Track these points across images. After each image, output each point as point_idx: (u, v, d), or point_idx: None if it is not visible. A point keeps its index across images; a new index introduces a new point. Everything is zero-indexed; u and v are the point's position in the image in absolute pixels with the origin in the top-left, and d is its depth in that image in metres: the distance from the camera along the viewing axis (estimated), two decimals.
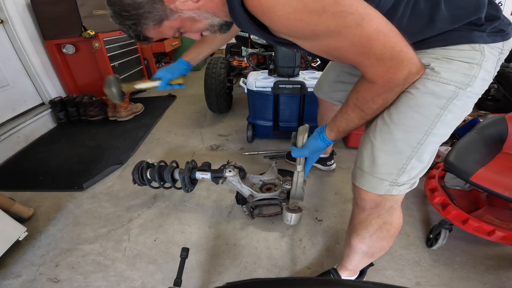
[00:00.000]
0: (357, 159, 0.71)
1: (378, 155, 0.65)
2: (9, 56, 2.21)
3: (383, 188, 0.66)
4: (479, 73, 0.58)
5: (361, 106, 0.62)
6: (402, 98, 0.61)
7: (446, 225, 1.06)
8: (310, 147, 0.81)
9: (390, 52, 0.51)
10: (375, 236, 0.75)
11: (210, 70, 2.19)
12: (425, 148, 0.62)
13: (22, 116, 2.27)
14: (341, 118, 0.68)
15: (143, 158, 1.90)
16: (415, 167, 0.64)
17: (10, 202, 1.32)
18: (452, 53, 0.58)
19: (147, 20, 0.59)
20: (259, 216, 1.31)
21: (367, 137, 0.68)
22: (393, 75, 0.54)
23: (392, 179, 0.65)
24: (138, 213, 1.41)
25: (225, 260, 1.13)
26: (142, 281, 1.07)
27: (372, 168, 0.66)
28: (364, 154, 0.67)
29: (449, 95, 0.58)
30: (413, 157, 0.63)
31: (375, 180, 0.66)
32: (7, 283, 1.09)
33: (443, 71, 0.57)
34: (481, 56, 0.57)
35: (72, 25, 2.40)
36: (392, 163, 0.64)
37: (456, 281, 1.01)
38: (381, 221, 0.73)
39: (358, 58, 0.54)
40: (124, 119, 2.52)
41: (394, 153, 0.63)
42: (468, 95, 0.59)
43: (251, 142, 2.02)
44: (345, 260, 0.92)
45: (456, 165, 1.05)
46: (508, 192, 0.94)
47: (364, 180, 0.68)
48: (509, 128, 1.14)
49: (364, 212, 0.74)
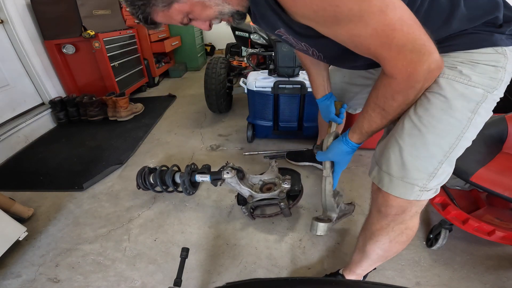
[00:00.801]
0: (382, 163, 0.67)
1: (408, 160, 0.62)
2: (9, 56, 2.21)
3: (414, 194, 0.64)
4: (505, 76, 0.57)
5: (382, 104, 0.60)
6: (432, 101, 0.59)
7: (446, 225, 1.06)
8: (333, 150, 0.78)
9: (412, 45, 0.48)
10: (395, 241, 0.74)
11: (210, 70, 2.19)
12: (456, 152, 0.61)
13: (22, 116, 2.27)
14: (363, 119, 0.66)
15: (143, 158, 1.90)
16: (445, 171, 0.63)
17: (10, 202, 1.32)
18: (477, 57, 0.57)
19: (157, 1, 0.58)
20: (259, 216, 1.31)
21: (394, 140, 0.64)
22: (413, 70, 0.51)
23: (422, 184, 0.63)
24: (138, 213, 1.41)
25: (225, 260, 1.13)
26: (142, 281, 1.07)
27: (402, 173, 0.63)
28: (392, 158, 0.64)
29: (479, 98, 0.57)
30: (444, 162, 0.61)
31: (405, 185, 0.63)
32: (7, 283, 1.09)
33: (473, 75, 0.57)
34: (504, 59, 0.57)
35: (72, 25, 2.40)
36: (423, 168, 0.62)
37: (456, 281, 1.01)
38: (403, 227, 0.72)
39: (378, 49, 0.51)
40: (124, 119, 2.52)
41: (426, 157, 0.61)
42: (494, 98, 0.59)
43: (251, 142, 2.02)
44: (354, 265, 0.90)
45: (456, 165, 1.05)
46: (508, 192, 0.94)
47: (394, 185, 0.65)
48: (509, 128, 1.14)
49: (387, 218, 0.71)
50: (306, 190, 1.45)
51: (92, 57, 2.59)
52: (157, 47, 3.54)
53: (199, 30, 4.58)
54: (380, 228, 0.74)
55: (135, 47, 3.17)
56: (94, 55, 2.57)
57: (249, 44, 2.73)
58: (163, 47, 3.57)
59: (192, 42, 4.21)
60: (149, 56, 3.48)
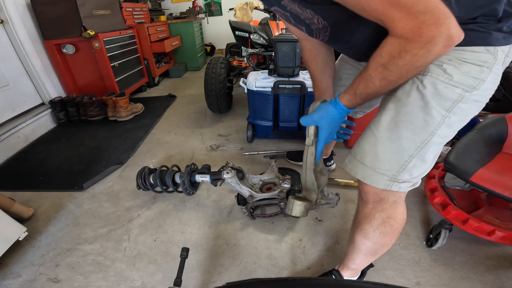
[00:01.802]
0: (356, 152, 0.71)
1: (381, 151, 0.65)
2: (9, 56, 2.22)
3: (383, 183, 0.67)
4: (488, 76, 0.57)
5: (385, 62, 0.55)
6: (412, 97, 0.61)
7: (446, 225, 1.06)
8: (319, 112, 0.73)
9: (424, 6, 0.46)
10: (378, 231, 0.75)
11: (210, 70, 2.19)
12: (428, 148, 0.63)
13: (22, 116, 2.27)
14: (360, 79, 0.62)
15: (143, 158, 1.90)
16: (417, 165, 0.65)
17: (10, 202, 1.32)
18: (466, 55, 0.57)
19: None
20: (259, 216, 1.31)
21: (370, 132, 0.67)
22: (427, 30, 0.47)
23: (392, 174, 0.66)
24: (138, 213, 1.41)
25: (225, 260, 1.13)
26: (142, 281, 1.07)
27: (374, 163, 0.66)
28: (367, 149, 0.67)
29: (456, 97, 0.58)
30: (415, 156, 0.64)
31: (376, 175, 0.67)
32: (7, 283, 1.09)
33: (456, 74, 0.57)
34: (493, 60, 0.57)
35: (72, 25, 2.40)
36: (394, 160, 0.65)
37: (456, 281, 1.01)
38: (385, 215, 0.74)
39: (386, 9, 0.49)
40: (124, 119, 2.52)
41: (398, 150, 0.64)
42: (474, 98, 0.59)
43: (251, 142, 2.02)
44: (348, 259, 0.91)
45: (456, 165, 1.05)
46: (508, 192, 0.94)
47: (365, 174, 0.68)
48: (509, 128, 1.14)
49: (368, 205, 0.75)
50: None
51: (92, 57, 2.59)
52: (157, 47, 3.55)
53: (199, 30, 4.58)
54: (364, 216, 0.77)
55: (135, 47, 3.17)
56: (94, 55, 2.57)
57: (249, 44, 2.73)
58: (163, 47, 3.57)
59: (192, 42, 4.21)
60: (149, 56, 3.48)
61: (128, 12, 3.41)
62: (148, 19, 3.90)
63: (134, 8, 3.56)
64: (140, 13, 3.70)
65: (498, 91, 2.21)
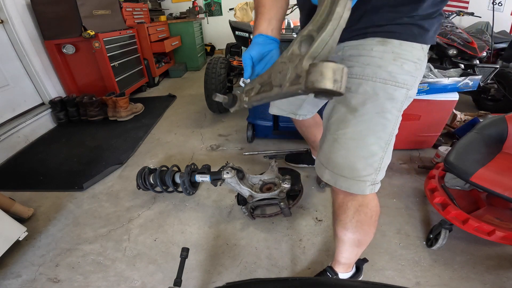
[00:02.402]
0: (333, 167, 0.70)
1: (356, 161, 0.67)
2: (9, 56, 2.22)
3: (368, 188, 0.69)
4: (419, 73, 0.63)
5: None
6: (367, 106, 0.64)
7: (446, 225, 1.06)
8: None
9: None
10: (354, 220, 0.77)
11: (210, 70, 2.19)
12: (391, 145, 0.69)
13: (22, 116, 2.27)
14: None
15: (143, 158, 1.90)
16: (386, 163, 0.70)
17: (10, 202, 1.32)
18: (407, 54, 0.61)
19: None
20: (259, 216, 1.31)
21: (338, 145, 0.68)
22: None
23: (372, 179, 0.69)
24: (138, 213, 1.41)
25: (225, 260, 1.13)
26: (142, 281, 1.07)
27: (353, 173, 0.68)
28: (341, 162, 0.69)
29: (403, 98, 0.65)
30: (384, 156, 0.69)
31: (359, 184, 0.69)
32: (7, 283, 1.09)
33: (400, 75, 0.62)
34: (424, 58, 0.63)
35: (72, 25, 2.40)
36: (370, 166, 0.68)
37: (456, 281, 1.01)
38: (356, 204, 0.75)
39: None
40: (124, 119, 2.52)
41: (369, 156, 0.67)
42: (410, 94, 0.66)
43: (251, 142, 2.02)
44: (336, 254, 0.92)
45: (456, 165, 1.05)
46: (508, 192, 0.94)
47: (349, 184, 0.70)
48: (509, 128, 1.14)
49: (339, 195, 0.77)
50: (306, 190, 1.45)
51: (92, 57, 2.59)
52: (157, 47, 3.55)
53: (199, 30, 4.58)
54: (338, 206, 0.79)
55: (135, 47, 3.17)
56: (94, 55, 2.57)
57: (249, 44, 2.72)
58: (163, 47, 3.57)
59: (192, 42, 4.21)
60: (149, 56, 3.48)
61: (128, 12, 3.41)
62: (148, 19, 3.90)
63: (134, 8, 3.56)
64: (140, 13, 3.70)
65: (498, 91, 2.21)
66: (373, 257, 1.09)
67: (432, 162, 1.64)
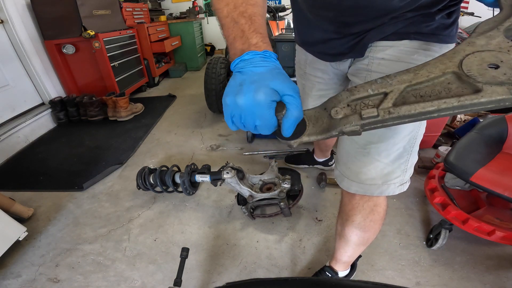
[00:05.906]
0: (364, 180, 0.69)
1: (387, 168, 0.67)
2: (9, 56, 2.22)
3: (397, 189, 0.69)
4: None
5: None
6: None
7: (446, 225, 1.06)
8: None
9: None
10: (368, 220, 0.77)
11: (210, 70, 2.19)
12: (416, 144, 0.67)
13: (22, 116, 2.27)
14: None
15: (143, 158, 1.90)
16: (412, 162, 0.69)
17: (10, 202, 1.32)
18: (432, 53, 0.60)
19: None
20: (259, 216, 1.31)
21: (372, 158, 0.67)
22: None
23: (400, 180, 0.69)
24: (138, 213, 1.41)
25: (225, 260, 1.13)
26: (142, 281, 1.07)
27: (384, 179, 0.68)
28: (374, 173, 0.68)
29: None
30: (410, 158, 0.68)
31: (389, 187, 0.69)
32: (7, 283, 1.09)
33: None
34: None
35: (72, 25, 2.40)
36: (397, 168, 0.68)
37: (456, 281, 1.01)
38: (372, 204, 0.75)
39: None
40: (124, 119, 2.52)
41: (396, 160, 0.67)
42: None
43: (251, 142, 2.02)
44: (339, 253, 0.91)
45: (456, 165, 1.05)
46: (508, 192, 0.94)
47: (381, 190, 0.70)
48: (509, 128, 1.14)
49: (355, 197, 0.75)
50: (306, 190, 1.45)
51: (92, 57, 2.59)
52: (157, 47, 3.54)
53: (199, 30, 4.58)
54: (352, 207, 0.77)
55: (135, 47, 3.17)
56: (94, 55, 2.57)
57: None
58: (163, 47, 3.57)
59: (192, 42, 4.21)
60: (149, 56, 3.48)
61: (128, 12, 3.41)
62: (148, 19, 3.90)
63: (134, 8, 3.55)
64: (140, 13, 3.70)
65: None
66: (373, 257, 1.09)
67: (432, 162, 1.64)
